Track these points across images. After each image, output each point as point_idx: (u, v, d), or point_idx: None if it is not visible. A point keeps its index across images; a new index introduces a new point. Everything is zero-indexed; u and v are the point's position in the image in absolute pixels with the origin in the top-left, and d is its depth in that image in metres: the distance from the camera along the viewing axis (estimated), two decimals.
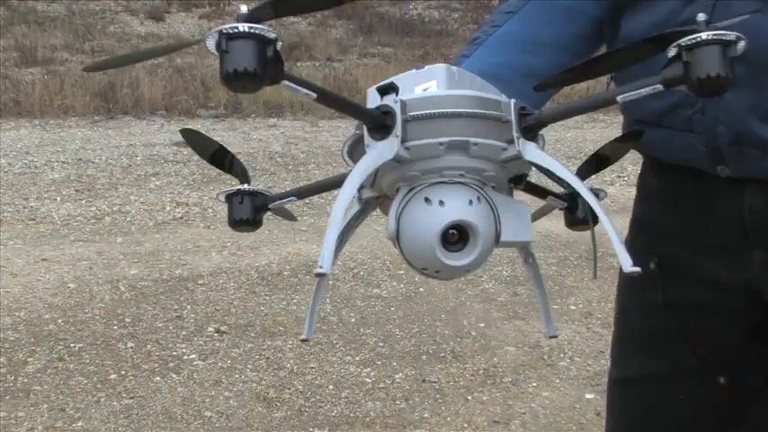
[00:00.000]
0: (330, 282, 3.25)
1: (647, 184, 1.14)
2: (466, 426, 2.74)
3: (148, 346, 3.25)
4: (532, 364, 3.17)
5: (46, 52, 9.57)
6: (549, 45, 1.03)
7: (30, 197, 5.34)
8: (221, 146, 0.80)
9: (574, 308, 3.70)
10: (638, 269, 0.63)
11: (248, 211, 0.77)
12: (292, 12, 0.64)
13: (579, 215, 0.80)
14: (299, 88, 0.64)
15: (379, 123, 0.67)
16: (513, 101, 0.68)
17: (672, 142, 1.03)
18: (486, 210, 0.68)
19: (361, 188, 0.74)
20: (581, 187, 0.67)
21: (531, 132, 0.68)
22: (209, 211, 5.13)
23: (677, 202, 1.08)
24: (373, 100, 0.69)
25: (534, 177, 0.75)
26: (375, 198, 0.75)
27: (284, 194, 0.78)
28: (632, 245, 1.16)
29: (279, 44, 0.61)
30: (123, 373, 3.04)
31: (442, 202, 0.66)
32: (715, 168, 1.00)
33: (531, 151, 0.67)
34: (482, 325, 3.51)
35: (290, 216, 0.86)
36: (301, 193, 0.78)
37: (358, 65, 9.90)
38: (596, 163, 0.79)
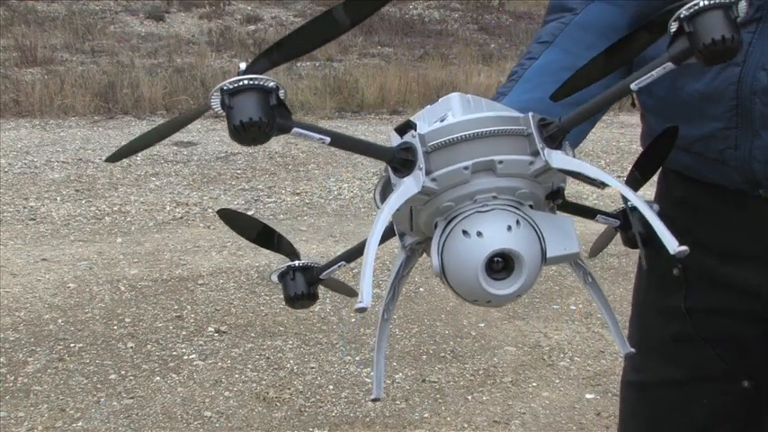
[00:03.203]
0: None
1: (669, 192, 1.11)
2: (466, 426, 2.74)
3: (148, 346, 3.25)
4: (532, 364, 3.17)
5: (46, 52, 9.56)
6: None
7: (30, 197, 5.34)
8: (266, 225, 0.81)
9: (574, 308, 3.70)
10: (685, 248, 0.61)
11: (302, 286, 0.79)
12: (289, 57, 0.64)
13: (635, 230, 0.78)
14: (312, 134, 0.65)
15: (402, 160, 0.67)
16: (530, 113, 0.68)
17: (704, 167, 1.00)
18: (527, 231, 0.66)
19: (402, 236, 0.75)
20: (612, 180, 0.66)
21: (555, 141, 0.67)
22: (209, 211, 5.13)
23: (705, 213, 1.05)
24: (395, 140, 0.70)
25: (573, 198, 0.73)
26: (418, 243, 0.75)
27: (333, 261, 0.79)
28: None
29: (281, 92, 0.62)
30: (123, 373, 3.03)
31: (480, 233, 0.65)
32: (756, 191, 0.97)
33: (558, 158, 0.66)
34: (482, 325, 3.51)
35: (348, 291, 0.87)
36: (350, 257, 0.78)
37: (358, 65, 9.89)
38: (640, 174, 0.77)
